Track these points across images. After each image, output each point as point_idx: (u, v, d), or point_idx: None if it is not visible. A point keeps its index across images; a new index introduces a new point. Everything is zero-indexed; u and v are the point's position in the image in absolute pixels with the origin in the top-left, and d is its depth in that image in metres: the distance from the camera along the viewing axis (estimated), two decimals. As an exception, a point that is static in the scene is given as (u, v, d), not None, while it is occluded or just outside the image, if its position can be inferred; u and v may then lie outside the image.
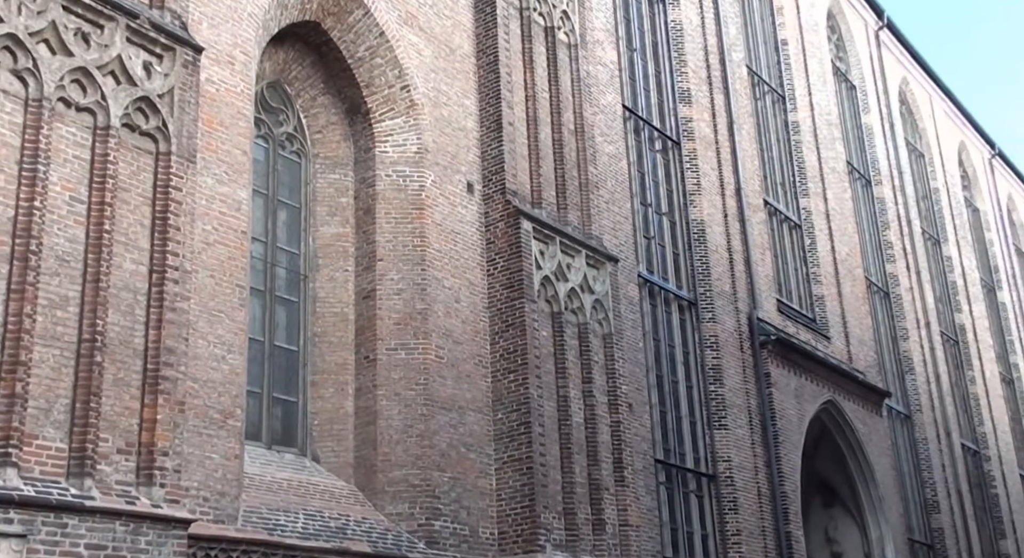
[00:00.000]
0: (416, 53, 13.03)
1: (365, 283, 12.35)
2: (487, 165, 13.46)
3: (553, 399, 12.88)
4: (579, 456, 12.93)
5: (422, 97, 12.91)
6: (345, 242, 12.54)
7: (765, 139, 21.45)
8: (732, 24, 20.82)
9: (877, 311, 24.25)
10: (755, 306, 18.26)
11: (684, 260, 17.56)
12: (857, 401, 20.16)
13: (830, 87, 24.78)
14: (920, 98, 30.75)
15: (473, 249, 13.06)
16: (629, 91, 17.48)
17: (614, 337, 14.07)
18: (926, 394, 24.69)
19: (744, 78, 20.91)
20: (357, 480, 11.59)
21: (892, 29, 28.75)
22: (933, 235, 29.21)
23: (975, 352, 28.80)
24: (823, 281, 21.27)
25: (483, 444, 12.32)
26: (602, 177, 15.37)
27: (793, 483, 17.38)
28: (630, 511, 13.28)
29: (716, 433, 16.52)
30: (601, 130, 15.75)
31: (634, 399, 14.61)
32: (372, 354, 12.01)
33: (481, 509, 12.02)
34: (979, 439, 27.51)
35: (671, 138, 18.26)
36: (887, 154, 27.01)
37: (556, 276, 13.43)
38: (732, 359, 17.29)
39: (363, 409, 11.84)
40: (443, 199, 12.83)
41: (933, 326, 26.39)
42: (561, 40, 14.94)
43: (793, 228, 21.39)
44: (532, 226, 13.20)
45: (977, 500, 26.19)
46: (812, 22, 24.57)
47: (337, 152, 12.83)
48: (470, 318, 12.71)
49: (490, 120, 13.58)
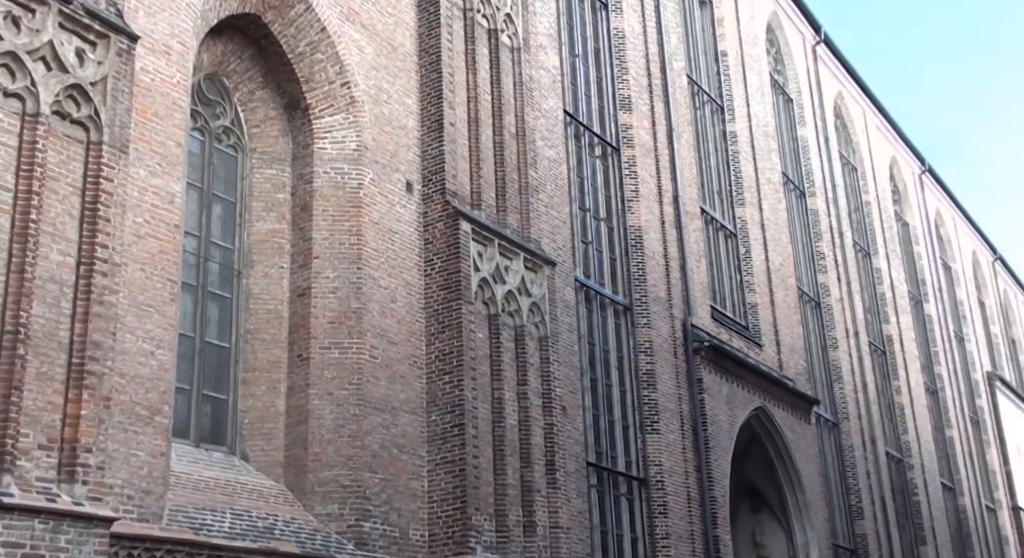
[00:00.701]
0: (358, 50, 12.93)
1: (300, 280, 12.21)
2: (427, 165, 13.41)
3: (488, 401, 12.86)
4: (512, 458, 12.93)
5: (363, 94, 12.81)
6: (281, 239, 12.38)
7: (703, 148, 21.70)
8: (673, 34, 21.04)
9: (808, 320, 24.67)
10: (689, 313, 18.45)
11: (621, 265, 17.68)
12: (786, 408, 20.48)
13: (768, 99, 25.17)
14: (854, 113, 31.39)
15: (411, 249, 12.99)
16: (571, 96, 17.55)
17: (550, 340, 14.10)
18: (853, 402, 25.17)
19: (684, 87, 21.13)
20: (287, 480, 11.45)
21: (829, 44, 29.31)
22: (864, 247, 29.82)
23: (901, 362, 29.45)
24: (757, 290, 21.57)
25: (416, 445, 12.26)
26: (542, 181, 15.40)
27: (722, 488, 17.58)
28: (561, 513, 13.31)
29: (648, 437, 16.64)
30: (542, 134, 15.80)
31: (568, 402, 14.65)
32: (305, 352, 11.87)
33: (412, 511, 11.95)
34: (903, 447, 28.12)
35: (611, 144, 18.38)
36: (821, 167, 27.51)
37: (494, 278, 13.42)
38: (666, 364, 17.44)
39: (294, 408, 11.69)
40: (381, 198, 12.74)
41: (862, 336, 26.93)
42: (504, 43, 14.95)
43: (728, 237, 21.67)
44: (471, 227, 13.17)
45: (900, 507, 26.77)
46: (752, 35, 24.94)
47: (275, 147, 12.67)
48: (406, 318, 12.64)
49: (431, 120, 13.52)
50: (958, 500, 31.58)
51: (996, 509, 35.04)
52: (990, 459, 35.87)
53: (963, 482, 32.17)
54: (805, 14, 28.16)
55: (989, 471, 35.55)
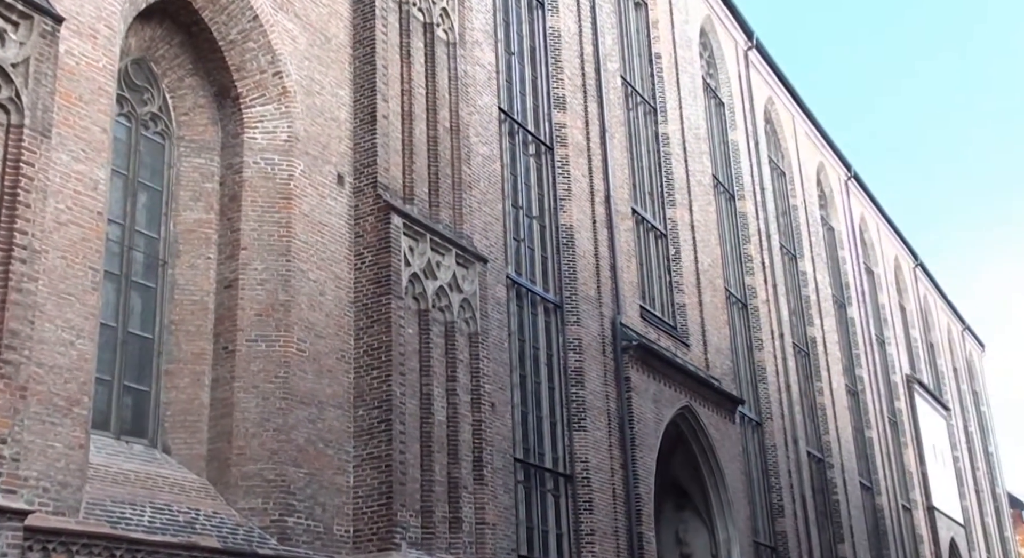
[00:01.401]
0: (290, 39, 12.77)
1: (227, 272, 12.02)
2: (359, 158, 13.30)
3: (416, 397, 12.81)
4: (439, 454, 12.90)
5: (295, 85, 12.66)
6: (208, 229, 12.18)
7: (635, 149, 21.89)
8: (608, 35, 21.18)
9: (735, 321, 25.06)
10: (619, 312, 18.60)
11: (552, 264, 17.76)
12: (712, 407, 20.77)
13: (700, 102, 25.48)
14: (784, 118, 31.95)
15: (341, 242, 12.88)
16: (505, 94, 17.57)
17: (480, 337, 14.09)
18: (777, 403, 25.63)
19: (618, 88, 21.29)
20: (209, 473, 11.27)
21: (760, 50, 29.79)
22: (790, 251, 30.36)
23: (824, 364, 30.06)
24: (685, 290, 21.84)
25: (342, 440, 12.16)
26: (475, 177, 15.39)
27: (647, 485, 17.77)
28: (487, 509, 13.33)
29: (575, 434, 16.75)
30: (476, 130, 15.79)
31: (497, 399, 14.67)
32: (231, 345, 11.70)
33: (337, 506, 11.86)
34: (824, 447, 28.71)
35: (545, 143, 18.44)
36: (751, 170, 27.95)
37: (425, 273, 13.38)
38: (594, 362, 17.56)
39: (219, 401, 11.52)
40: (312, 190, 12.61)
41: (786, 338, 27.43)
42: (440, 37, 14.90)
43: (659, 237, 21.89)
44: (403, 222, 13.10)
45: (819, 506, 27.33)
46: (685, 38, 25.22)
47: (204, 136, 12.46)
48: (334, 312, 12.53)
49: (364, 112, 13.42)
50: (876, 499, 32.35)
51: (912, 508, 35.98)
52: (907, 460, 36.82)
53: (881, 482, 32.96)
54: (738, 19, 28.58)
55: (906, 471, 36.48)
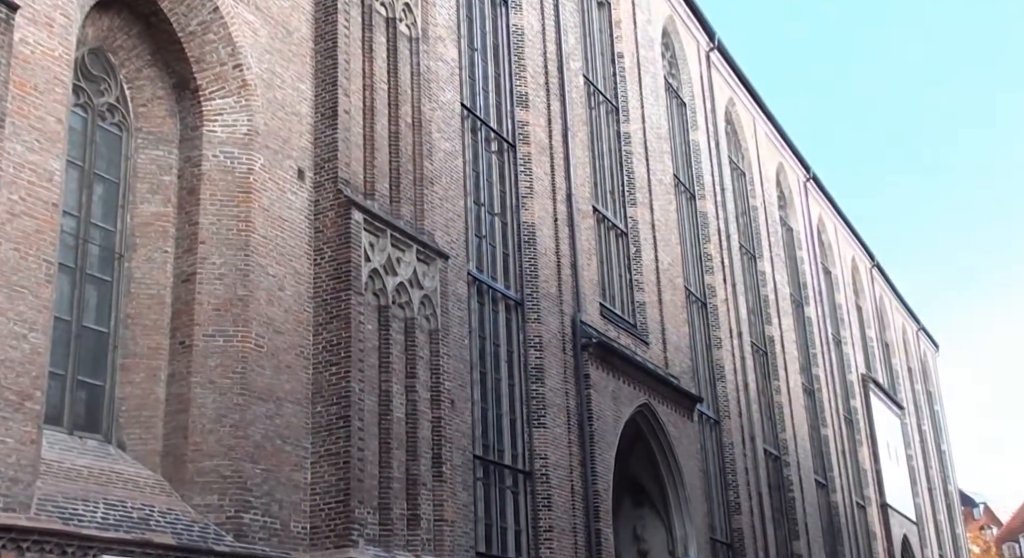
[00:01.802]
0: (251, 32, 12.65)
1: (185, 266, 11.89)
2: (320, 152, 13.21)
3: (375, 393, 12.76)
4: (398, 451, 12.86)
5: (255, 78, 12.55)
6: (165, 222, 12.03)
7: (597, 148, 21.95)
8: (572, 33, 21.21)
9: (694, 320, 25.22)
10: (579, 309, 18.65)
11: (513, 261, 17.76)
12: (670, 405, 20.88)
13: (662, 102, 25.61)
14: (744, 119, 32.19)
15: (300, 237, 12.79)
16: (468, 90, 17.54)
17: (440, 333, 14.06)
18: (734, 401, 25.84)
19: (580, 87, 21.34)
20: (164, 470, 11.15)
21: (722, 51, 29.99)
22: (750, 250, 30.61)
23: (782, 363, 30.36)
24: (645, 288, 21.94)
25: (300, 437, 12.08)
26: (437, 173, 15.35)
27: (606, 482, 17.83)
28: (446, 506, 13.30)
29: (535, 431, 16.77)
30: (438, 126, 15.74)
31: (457, 395, 14.65)
32: (188, 340, 11.57)
33: (294, 503, 11.78)
34: (780, 445, 28.99)
35: (507, 140, 18.44)
36: (711, 170, 28.14)
37: (385, 269, 13.32)
38: (554, 360, 17.60)
39: (175, 396, 11.39)
40: (272, 184, 12.50)
41: (745, 337, 27.66)
42: (402, 32, 14.84)
43: (620, 236, 21.97)
44: (363, 217, 13.04)
45: (775, 503, 27.60)
46: (648, 38, 25.33)
47: (162, 128, 12.31)
48: (293, 308, 12.44)
49: (325, 107, 13.33)
50: (831, 496, 32.73)
51: (866, 505, 36.44)
52: (862, 458, 37.29)
53: (836, 479, 33.35)
54: (700, 20, 28.75)
55: (860, 469, 36.94)
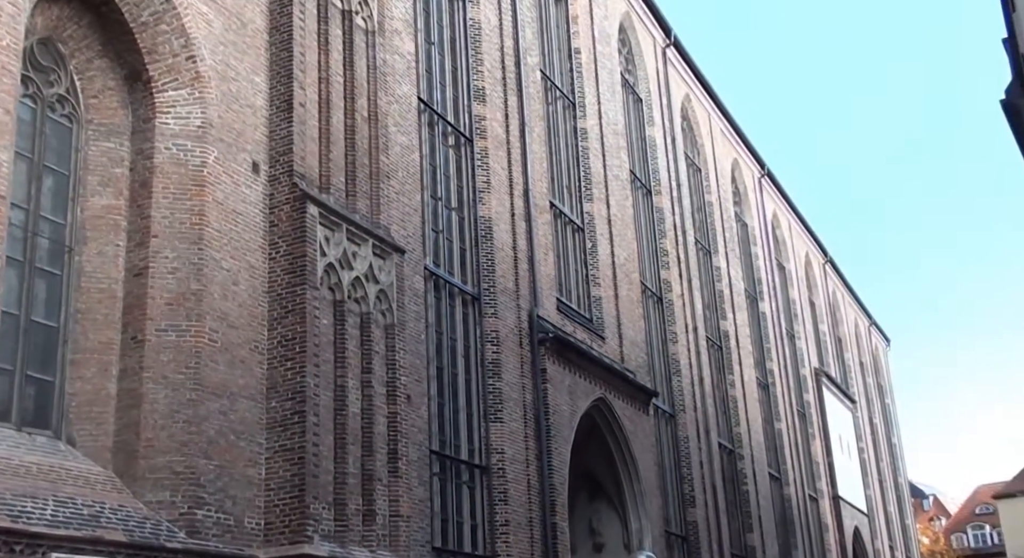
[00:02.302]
0: (205, 23, 12.50)
1: (137, 259, 11.74)
2: (275, 146, 13.10)
3: (330, 388, 12.69)
4: (353, 446, 12.80)
5: (209, 70, 12.41)
6: (117, 215, 11.87)
7: (554, 143, 22.00)
8: (529, 28, 21.22)
9: (650, 314, 25.38)
10: (536, 304, 18.68)
11: (470, 255, 17.74)
12: (626, 399, 21.00)
13: (618, 98, 25.71)
14: (700, 115, 32.42)
15: (255, 231, 12.67)
16: (425, 84, 17.48)
17: (396, 328, 14.01)
18: (690, 395, 26.05)
19: (537, 82, 21.35)
20: (116, 466, 11.01)
21: (678, 48, 30.17)
22: (705, 246, 30.85)
23: (736, 357, 30.65)
24: (601, 283, 22.03)
25: (254, 432, 11.98)
26: (393, 167, 15.29)
27: (562, 476, 17.90)
28: (402, 502, 13.27)
29: (492, 426, 16.78)
30: (395, 120, 15.67)
31: (413, 390, 14.61)
32: (140, 334, 11.43)
33: (248, 499, 11.68)
34: (735, 439, 29.29)
35: (464, 134, 18.41)
36: (668, 166, 28.31)
37: (341, 264, 13.25)
38: (511, 354, 17.61)
39: (127, 392, 11.25)
40: (226, 177, 12.38)
41: (700, 331, 27.88)
42: (358, 25, 14.75)
43: (576, 231, 22.04)
44: (319, 211, 12.95)
45: (729, 496, 27.87)
46: (605, 34, 25.40)
47: (113, 120, 12.13)
48: (248, 302, 12.33)
49: (280, 100, 13.22)
50: (784, 489, 33.13)
51: (818, 498, 36.93)
52: (814, 451, 37.77)
53: (789, 472, 33.77)
54: (657, 17, 28.89)
55: (813, 462, 37.42)
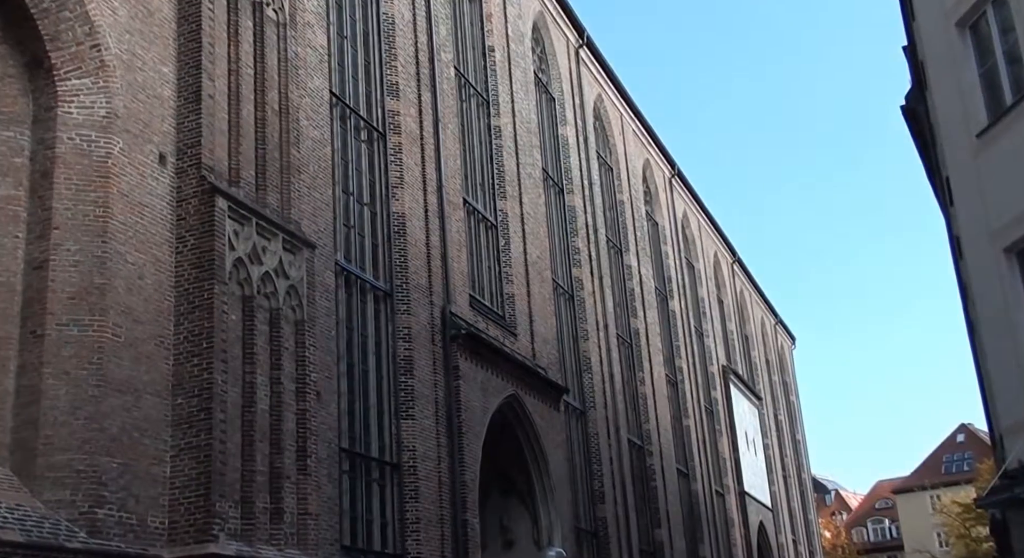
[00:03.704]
0: (110, 11, 12.20)
1: (37, 252, 11.41)
2: (183, 138, 12.85)
3: (239, 385, 12.51)
4: (262, 444, 12.64)
5: (114, 58, 12.11)
6: (17, 206, 11.52)
7: (468, 140, 22.02)
8: (443, 25, 21.20)
9: (561, 312, 25.59)
10: (448, 301, 18.68)
11: (383, 252, 17.65)
12: (538, 396, 21.15)
13: (532, 97, 25.85)
14: (612, 116, 32.79)
15: (162, 224, 12.42)
16: (338, 78, 17.33)
17: (307, 324, 13.87)
18: (600, 392, 26.33)
19: (451, 79, 21.35)
20: (13, 464, 10.68)
21: (591, 48, 30.45)
22: (616, 244, 31.22)
23: (646, 355, 31.09)
24: (514, 280, 22.13)
25: (159, 429, 11.75)
26: (305, 161, 15.12)
27: (473, 473, 17.94)
28: (310, 500, 13.15)
29: (403, 423, 16.73)
30: (307, 114, 15.50)
31: (323, 387, 14.49)
32: (40, 329, 11.12)
33: (152, 497, 11.44)
34: (644, 435, 29.70)
35: (377, 129, 18.31)
36: (580, 165, 28.56)
37: (250, 259, 13.06)
38: (423, 351, 17.58)
39: (26, 388, 10.93)
40: (132, 169, 12.10)
41: (611, 329, 28.21)
42: (269, 17, 14.55)
43: (489, 228, 22.10)
44: (228, 205, 12.75)
45: (639, 492, 28.26)
46: (518, 33, 25.52)
47: (13, 108, 11.76)
48: (154, 297, 12.08)
49: (188, 91, 12.97)
50: (691, 485, 33.72)
51: (724, 494, 37.69)
52: (721, 447, 38.54)
53: (696, 468, 34.39)
54: (570, 17, 29.11)
55: (720, 458, 38.18)
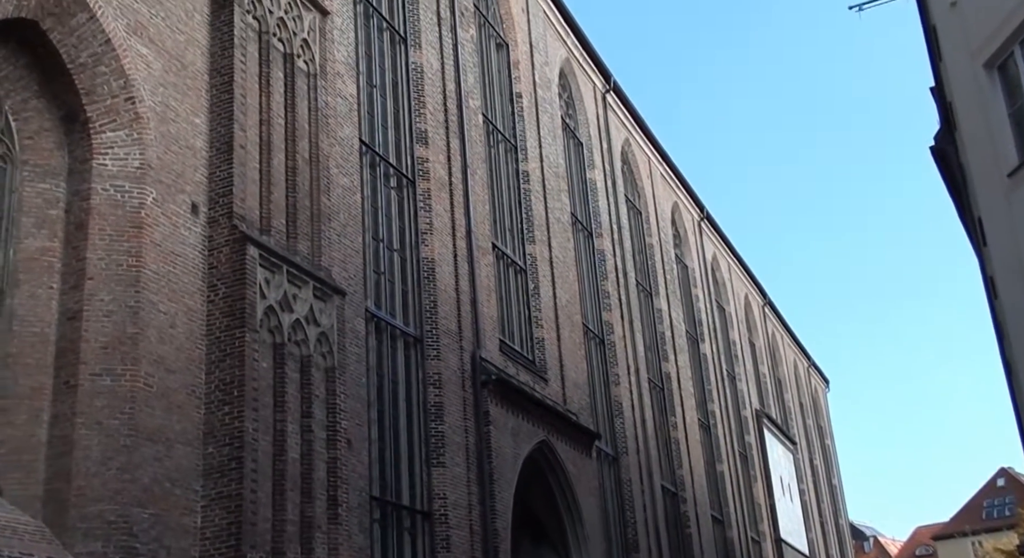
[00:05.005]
0: (145, 65, 12.41)
1: (71, 303, 11.50)
2: (215, 187, 12.98)
3: (269, 433, 12.49)
4: (292, 493, 12.58)
5: (148, 111, 12.29)
6: (52, 257, 11.64)
7: (496, 185, 22.12)
8: (471, 73, 21.40)
9: (592, 356, 25.45)
10: (479, 346, 18.63)
11: (412, 297, 17.68)
12: (569, 442, 20.96)
13: (559, 141, 25.98)
14: (640, 159, 32.86)
15: (194, 273, 12.50)
16: (367, 126, 17.50)
17: (337, 371, 13.87)
18: (632, 437, 26.08)
19: (480, 125, 21.50)
20: (46, 516, 10.67)
21: (618, 93, 30.62)
22: (646, 288, 31.11)
23: (678, 399, 30.81)
24: (544, 325, 22.07)
25: (190, 479, 11.72)
26: (335, 209, 15.22)
27: (505, 521, 17.75)
28: (341, 550, 13.04)
29: (434, 470, 16.61)
30: (337, 162, 15.64)
31: (354, 435, 14.43)
32: (73, 379, 11.16)
33: (183, 549, 11.39)
34: (678, 481, 29.34)
35: (406, 176, 18.43)
36: (608, 209, 28.58)
37: (281, 306, 13.11)
38: (454, 397, 17.51)
39: (58, 438, 10.95)
40: (164, 219, 12.22)
41: (642, 373, 28.01)
42: (300, 68, 14.75)
43: (519, 272, 22.10)
44: (259, 253, 12.83)
45: (673, 539, 27.86)
46: (545, 79, 25.71)
47: (49, 161, 11.93)
48: (186, 345, 12.13)
49: (221, 141, 13.13)
50: (726, 532, 33.20)
51: (760, 540, 37.07)
52: (756, 493, 37.98)
53: (731, 515, 33.87)
54: (596, 62, 29.32)
55: (755, 504, 37.61)
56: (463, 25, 21.30)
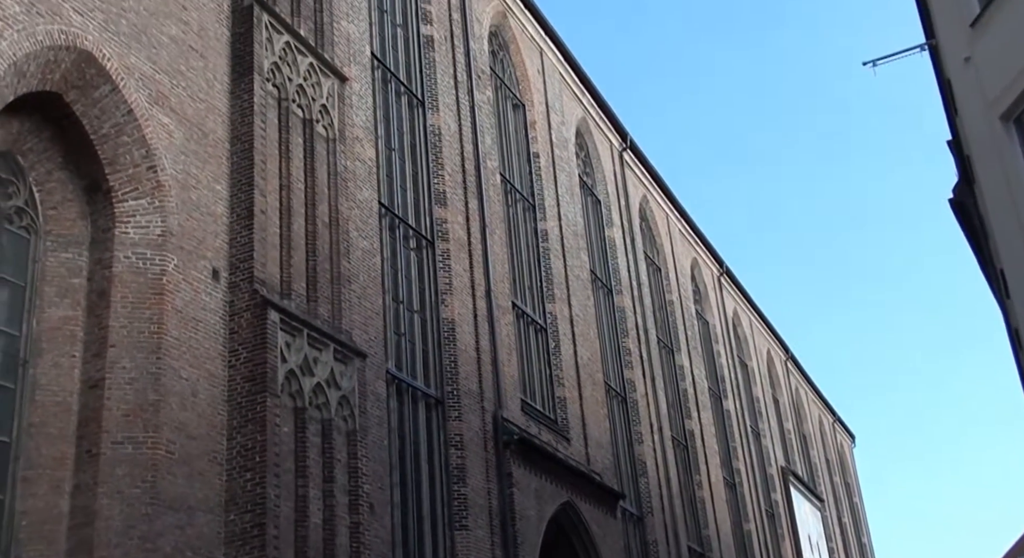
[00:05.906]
0: (166, 134, 12.58)
1: (93, 371, 11.51)
2: (235, 252, 13.06)
3: (291, 499, 12.39)
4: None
5: (170, 179, 12.42)
6: (74, 326, 11.69)
7: (515, 244, 22.18)
8: (488, 134, 21.60)
9: (615, 415, 25.24)
10: (500, 406, 18.53)
11: (433, 358, 17.63)
12: (593, 502, 20.70)
13: (577, 200, 26.09)
14: (658, 216, 32.92)
15: (215, 339, 12.53)
16: (386, 188, 17.63)
17: (359, 435, 13.79)
18: (657, 496, 25.75)
19: (498, 185, 21.63)
20: (67, 587, 10.58)
21: (635, 151, 30.80)
22: (667, 344, 30.95)
23: (702, 457, 30.45)
24: (565, 384, 21.94)
25: (212, 547, 11.61)
26: (355, 271, 15.28)
27: (530, 585, 17.48)
28: (366, 616, 12.85)
29: (457, 534, 16.41)
30: (356, 225, 15.73)
31: (376, 499, 14.30)
32: (95, 448, 11.13)
33: (206, 617, 11.26)
34: (704, 541, 28.87)
35: (426, 237, 18.51)
36: (628, 266, 28.58)
37: (302, 370, 13.09)
38: (476, 458, 17.37)
39: (80, 508, 10.89)
40: (186, 285, 12.28)
41: (665, 431, 27.74)
42: (319, 133, 14.92)
43: (539, 331, 22.04)
44: (279, 317, 12.85)
45: (701, 600, 27.34)
46: (562, 139, 25.92)
47: (72, 230, 12.05)
48: (207, 412, 12.10)
49: (241, 207, 13.24)
50: (756, 591, 32.58)
51: (791, 600, 36.35)
52: (784, 552, 37.31)
53: (760, 574, 33.27)
54: (613, 121, 29.55)
55: (784, 563, 36.95)
56: (480, 87, 21.55)
